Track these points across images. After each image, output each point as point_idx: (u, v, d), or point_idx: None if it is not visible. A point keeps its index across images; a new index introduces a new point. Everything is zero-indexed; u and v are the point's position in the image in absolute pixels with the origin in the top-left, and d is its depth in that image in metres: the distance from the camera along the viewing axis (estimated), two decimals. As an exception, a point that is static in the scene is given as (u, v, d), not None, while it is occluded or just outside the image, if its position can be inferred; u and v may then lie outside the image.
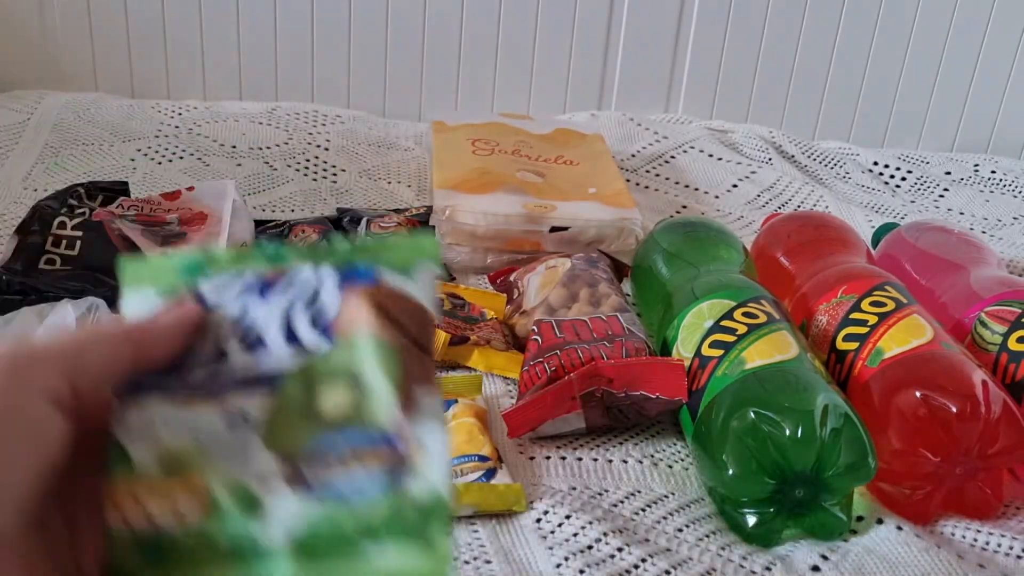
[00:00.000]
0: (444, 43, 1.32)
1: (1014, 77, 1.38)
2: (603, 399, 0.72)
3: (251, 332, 0.34)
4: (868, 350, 0.73)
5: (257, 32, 1.30)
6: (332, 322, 0.33)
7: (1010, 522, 0.69)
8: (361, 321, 0.33)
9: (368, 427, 0.32)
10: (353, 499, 0.32)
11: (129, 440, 0.32)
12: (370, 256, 0.34)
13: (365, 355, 0.33)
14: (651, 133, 1.30)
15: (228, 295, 0.34)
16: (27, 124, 1.17)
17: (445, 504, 0.32)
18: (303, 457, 0.32)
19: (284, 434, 0.32)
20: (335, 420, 0.32)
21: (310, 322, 0.34)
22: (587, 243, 0.98)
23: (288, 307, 0.34)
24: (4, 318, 0.74)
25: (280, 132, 1.21)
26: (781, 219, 0.97)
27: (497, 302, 0.89)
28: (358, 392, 0.32)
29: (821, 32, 1.34)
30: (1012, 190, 1.28)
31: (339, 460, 0.32)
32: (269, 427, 0.32)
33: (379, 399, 0.32)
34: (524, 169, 1.06)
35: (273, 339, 0.34)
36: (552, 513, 0.66)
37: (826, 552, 0.65)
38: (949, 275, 0.87)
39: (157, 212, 0.93)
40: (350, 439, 0.32)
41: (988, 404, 0.66)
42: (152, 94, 1.31)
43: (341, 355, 0.33)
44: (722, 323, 0.73)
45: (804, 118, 1.39)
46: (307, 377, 0.33)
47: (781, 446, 0.63)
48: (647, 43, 1.34)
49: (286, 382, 0.33)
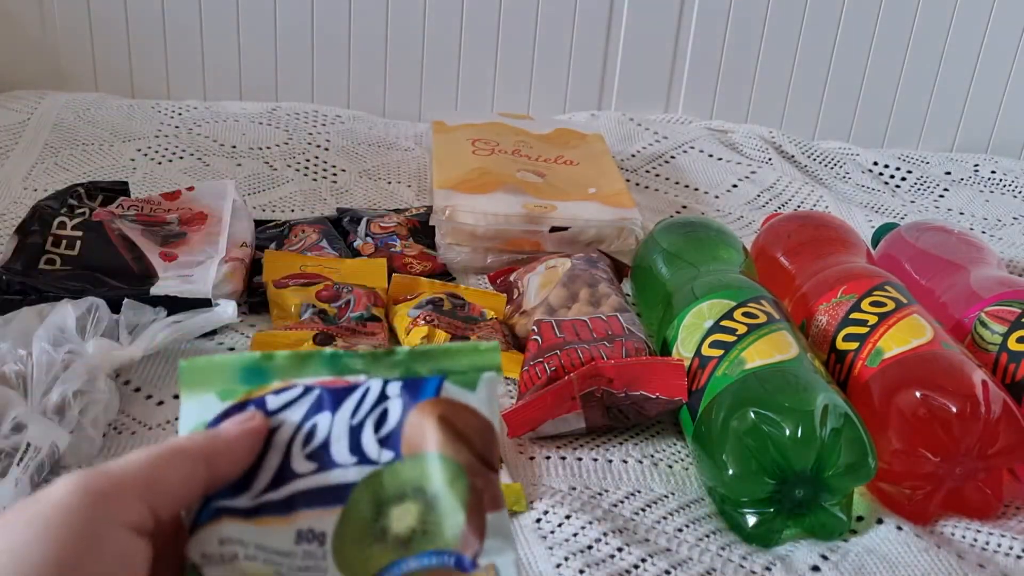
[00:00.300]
0: (444, 43, 1.32)
1: (1014, 77, 1.38)
2: (603, 399, 0.72)
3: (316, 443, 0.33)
4: (868, 350, 0.73)
5: (257, 32, 1.30)
6: (398, 435, 0.33)
7: (1010, 522, 0.69)
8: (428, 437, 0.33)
9: (439, 549, 0.32)
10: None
11: (205, 564, 0.32)
12: (433, 364, 0.34)
13: (433, 473, 0.32)
14: (651, 133, 1.30)
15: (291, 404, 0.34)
16: (27, 124, 1.17)
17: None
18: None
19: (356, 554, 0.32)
20: (405, 539, 0.32)
21: (376, 435, 0.33)
22: (587, 243, 0.98)
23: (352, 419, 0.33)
24: (4, 318, 0.74)
25: (280, 132, 1.21)
26: (781, 219, 0.97)
27: (497, 302, 0.89)
28: (427, 510, 0.32)
29: (821, 32, 1.34)
30: (1012, 190, 1.28)
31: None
32: (339, 545, 0.32)
33: (449, 519, 0.32)
34: (524, 169, 1.06)
35: (339, 451, 0.33)
36: (552, 513, 0.66)
37: (826, 552, 0.65)
38: (949, 275, 0.87)
39: (157, 212, 0.93)
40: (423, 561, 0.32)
41: (988, 404, 0.66)
42: (152, 94, 1.31)
43: (408, 470, 0.33)
44: (722, 323, 0.73)
45: (804, 118, 1.39)
46: (375, 491, 0.33)
47: (781, 446, 0.63)
48: (647, 43, 1.34)
49: (354, 496, 0.33)
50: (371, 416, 0.33)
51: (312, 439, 0.33)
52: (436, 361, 0.34)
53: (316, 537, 0.32)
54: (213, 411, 0.34)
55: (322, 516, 0.32)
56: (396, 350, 0.34)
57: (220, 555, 0.32)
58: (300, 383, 0.34)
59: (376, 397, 0.33)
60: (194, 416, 0.34)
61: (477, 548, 0.32)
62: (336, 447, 0.33)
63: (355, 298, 0.83)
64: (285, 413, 0.34)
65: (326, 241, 0.95)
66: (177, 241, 0.89)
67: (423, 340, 0.79)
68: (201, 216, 0.93)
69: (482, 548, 0.32)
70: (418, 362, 0.34)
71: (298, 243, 0.95)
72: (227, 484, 0.33)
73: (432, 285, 0.89)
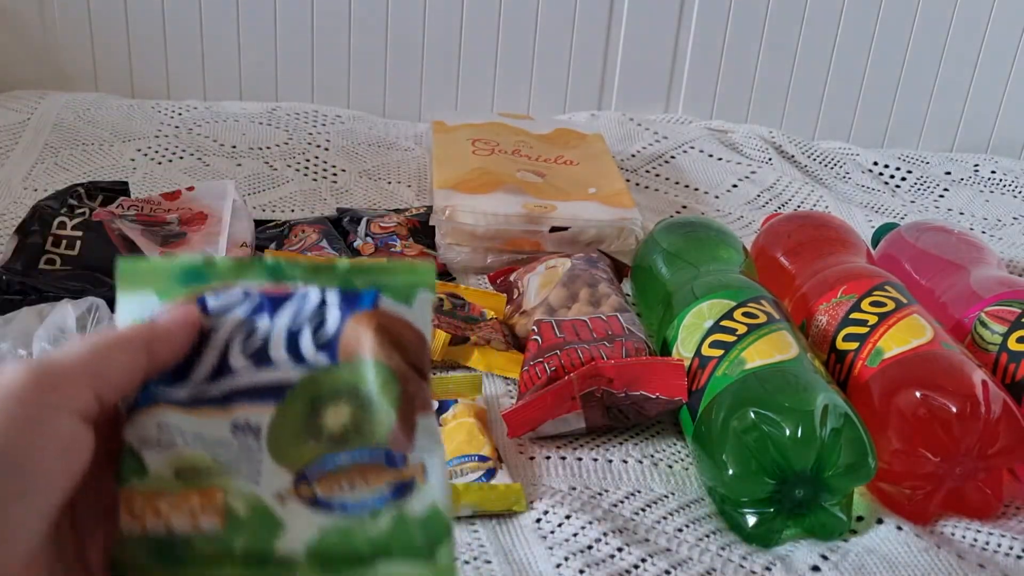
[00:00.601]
0: (444, 43, 1.32)
1: (1014, 77, 1.38)
2: (603, 399, 0.72)
3: (255, 344, 0.34)
4: (868, 350, 0.73)
5: (257, 32, 1.30)
6: (335, 342, 0.34)
7: (1010, 522, 0.69)
8: (363, 344, 0.34)
9: (371, 445, 0.34)
10: (360, 515, 0.33)
11: (143, 447, 0.33)
12: (370, 279, 0.35)
13: (367, 377, 0.34)
14: (651, 133, 1.30)
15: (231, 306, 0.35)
16: (27, 124, 1.17)
17: (447, 522, 0.33)
18: (311, 472, 0.33)
19: (290, 448, 0.33)
20: (338, 436, 0.34)
21: (313, 339, 0.34)
22: (587, 243, 0.98)
23: (292, 324, 0.34)
24: (4, 318, 0.74)
25: (280, 132, 1.21)
26: (781, 219, 0.97)
27: (497, 302, 0.89)
28: (360, 411, 0.34)
29: (821, 32, 1.34)
30: (1012, 190, 1.28)
31: (345, 476, 0.33)
32: (275, 439, 0.33)
33: (380, 419, 0.34)
34: (524, 169, 1.06)
35: (277, 353, 0.34)
36: (552, 513, 0.66)
37: (826, 552, 0.65)
38: (949, 275, 0.87)
39: (157, 212, 0.93)
40: (354, 456, 0.33)
41: (988, 404, 0.66)
42: (152, 94, 1.31)
43: (344, 374, 0.34)
44: (722, 323, 0.73)
45: (804, 118, 1.39)
46: (311, 392, 0.34)
47: (781, 446, 0.63)
48: (647, 43, 1.34)
49: (290, 395, 0.34)
50: (309, 322, 0.34)
51: (251, 340, 0.34)
52: (373, 276, 0.35)
53: (252, 430, 0.33)
54: (152, 309, 0.35)
55: (259, 411, 0.34)
56: (336, 263, 0.35)
57: (158, 439, 0.33)
58: (240, 288, 0.35)
59: (315, 305, 0.35)
60: (132, 313, 0.35)
61: (407, 446, 0.34)
62: (274, 348, 0.34)
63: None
64: (225, 313, 0.35)
65: (326, 241, 0.95)
66: (177, 241, 0.89)
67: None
68: (201, 216, 0.93)
69: (412, 446, 0.34)
70: (356, 276, 0.35)
71: (298, 243, 0.95)
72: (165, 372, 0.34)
73: (432, 285, 0.89)
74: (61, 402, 0.30)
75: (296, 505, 0.33)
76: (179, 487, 0.33)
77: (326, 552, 0.33)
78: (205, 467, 0.33)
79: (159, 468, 0.33)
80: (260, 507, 0.33)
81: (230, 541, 0.33)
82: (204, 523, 0.33)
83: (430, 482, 0.34)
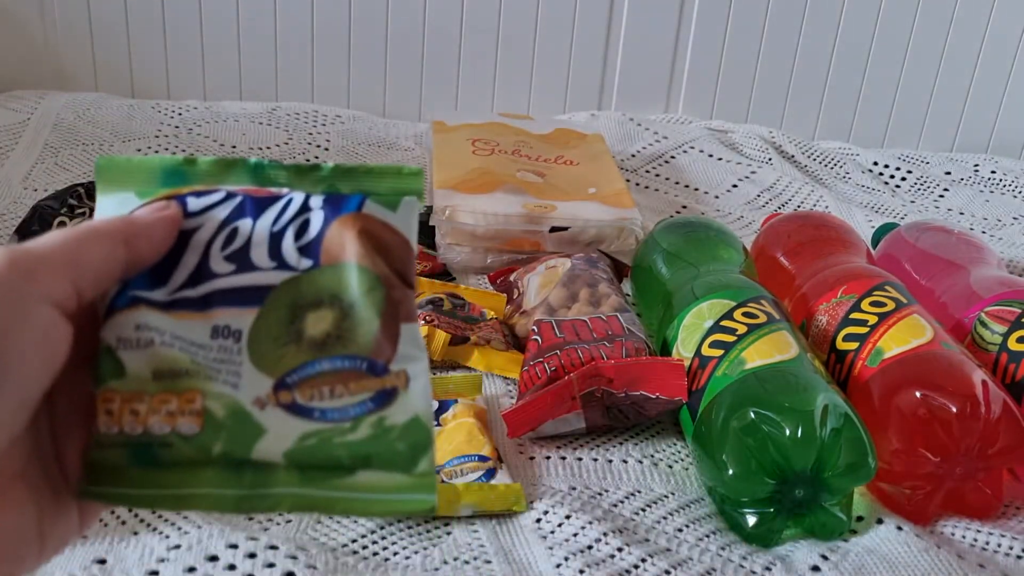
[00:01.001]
0: (444, 43, 1.32)
1: (1014, 77, 1.38)
2: (603, 399, 0.72)
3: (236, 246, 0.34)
4: (868, 350, 0.73)
5: (257, 32, 1.30)
6: (318, 245, 0.33)
7: (1010, 522, 0.69)
8: (347, 248, 0.33)
9: (353, 352, 0.33)
10: (340, 422, 0.33)
11: (120, 348, 0.32)
12: (356, 183, 0.34)
13: (351, 281, 0.33)
14: (651, 133, 1.30)
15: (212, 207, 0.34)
16: (27, 124, 1.17)
17: (428, 432, 0.33)
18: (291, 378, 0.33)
19: (271, 353, 0.33)
20: (319, 342, 0.33)
21: (296, 243, 0.34)
22: (587, 243, 0.98)
23: (274, 226, 0.34)
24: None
25: (280, 132, 1.21)
26: (781, 219, 0.97)
27: (497, 302, 0.89)
28: (343, 317, 0.33)
29: (821, 32, 1.34)
30: (1012, 190, 1.28)
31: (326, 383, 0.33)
32: (255, 344, 0.33)
33: (363, 326, 0.33)
34: (524, 169, 1.06)
35: (258, 255, 0.34)
36: (552, 513, 0.66)
37: (826, 552, 0.65)
38: (949, 275, 0.87)
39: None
40: (335, 363, 0.33)
41: (988, 404, 0.66)
42: (152, 94, 1.31)
43: (327, 278, 0.33)
44: (722, 323, 0.73)
45: (804, 118, 1.39)
46: (293, 296, 0.33)
47: (781, 446, 0.63)
48: (647, 43, 1.34)
49: (271, 298, 0.33)
50: (292, 225, 0.34)
51: (232, 242, 0.34)
52: (359, 181, 0.34)
53: (232, 334, 0.33)
54: (131, 207, 0.34)
55: (239, 315, 0.33)
56: (321, 166, 0.34)
57: (136, 339, 0.32)
58: (222, 188, 0.34)
59: (298, 208, 0.34)
60: (111, 211, 0.34)
61: (390, 354, 0.33)
62: (256, 251, 0.33)
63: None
64: (205, 214, 0.34)
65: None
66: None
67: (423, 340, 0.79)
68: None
69: (395, 355, 0.33)
70: (342, 180, 0.34)
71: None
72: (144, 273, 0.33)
73: (432, 285, 0.89)
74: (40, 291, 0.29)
75: (275, 411, 0.32)
76: (157, 388, 0.32)
77: (305, 458, 0.32)
78: (184, 369, 0.32)
79: (137, 369, 0.32)
80: (239, 411, 0.32)
81: (208, 444, 0.32)
82: (182, 425, 0.32)
83: (412, 391, 0.33)
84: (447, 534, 0.64)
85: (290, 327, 0.33)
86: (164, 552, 0.59)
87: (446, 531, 0.64)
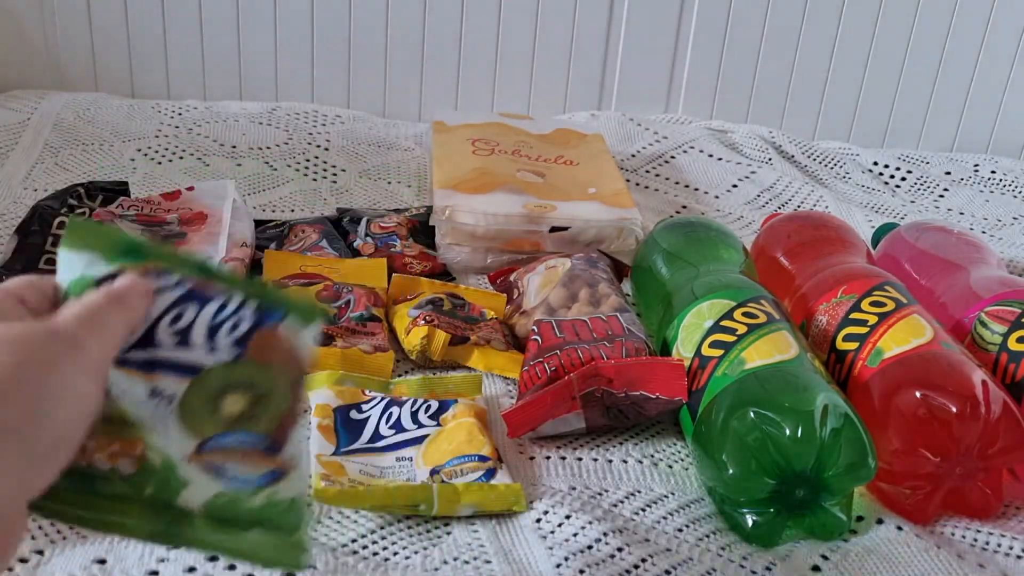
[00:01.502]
0: (444, 43, 1.32)
1: (1014, 77, 1.38)
2: (603, 399, 0.72)
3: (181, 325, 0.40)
4: (868, 350, 0.73)
5: (257, 32, 1.30)
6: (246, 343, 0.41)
7: (1010, 522, 0.69)
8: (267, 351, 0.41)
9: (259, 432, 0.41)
10: (243, 488, 0.40)
11: None
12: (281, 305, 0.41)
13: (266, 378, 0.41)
14: (651, 133, 1.30)
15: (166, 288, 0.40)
16: (27, 124, 1.17)
17: (305, 510, 0.41)
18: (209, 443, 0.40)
19: (196, 420, 0.40)
20: (232, 420, 0.40)
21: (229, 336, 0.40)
22: (587, 243, 0.98)
23: (214, 319, 0.40)
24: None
25: (280, 132, 1.21)
26: (781, 219, 0.97)
27: (497, 302, 0.89)
28: (254, 404, 0.40)
29: (821, 32, 1.34)
30: (1012, 190, 1.28)
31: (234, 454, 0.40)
32: (184, 410, 0.40)
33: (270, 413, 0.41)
34: (524, 169, 1.06)
35: (197, 338, 0.40)
36: (552, 513, 0.66)
37: (826, 552, 0.65)
38: (949, 275, 0.87)
39: (157, 212, 0.93)
40: (242, 440, 0.40)
41: (988, 404, 0.66)
42: (152, 94, 1.31)
43: (249, 370, 0.41)
44: (722, 323, 0.73)
45: (804, 118, 1.39)
46: (219, 378, 0.40)
47: (781, 446, 0.63)
48: (647, 43, 1.34)
49: (203, 375, 0.40)
50: (228, 321, 0.41)
51: (178, 321, 0.40)
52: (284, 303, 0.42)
53: (166, 397, 0.40)
54: (101, 270, 0.40)
55: (175, 383, 0.40)
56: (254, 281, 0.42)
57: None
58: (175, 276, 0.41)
59: (234, 308, 0.41)
60: (78, 268, 0.40)
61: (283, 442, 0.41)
62: (196, 334, 0.40)
63: (355, 298, 0.83)
64: (160, 293, 0.40)
65: (326, 241, 0.95)
66: (177, 241, 0.89)
67: (423, 340, 0.79)
68: (201, 216, 0.93)
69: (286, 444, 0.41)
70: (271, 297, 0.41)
71: (298, 243, 0.95)
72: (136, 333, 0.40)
73: (432, 285, 0.89)
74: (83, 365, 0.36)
75: (197, 468, 0.40)
76: (106, 431, 0.39)
77: (216, 512, 0.40)
78: (130, 421, 0.39)
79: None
80: (170, 463, 0.40)
81: (141, 486, 0.39)
82: (122, 466, 0.39)
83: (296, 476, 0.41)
84: (447, 534, 0.64)
85: (213, 402, 0.40)
86: (164, 552, 0.59)
87: (446, 531, 0.64)
